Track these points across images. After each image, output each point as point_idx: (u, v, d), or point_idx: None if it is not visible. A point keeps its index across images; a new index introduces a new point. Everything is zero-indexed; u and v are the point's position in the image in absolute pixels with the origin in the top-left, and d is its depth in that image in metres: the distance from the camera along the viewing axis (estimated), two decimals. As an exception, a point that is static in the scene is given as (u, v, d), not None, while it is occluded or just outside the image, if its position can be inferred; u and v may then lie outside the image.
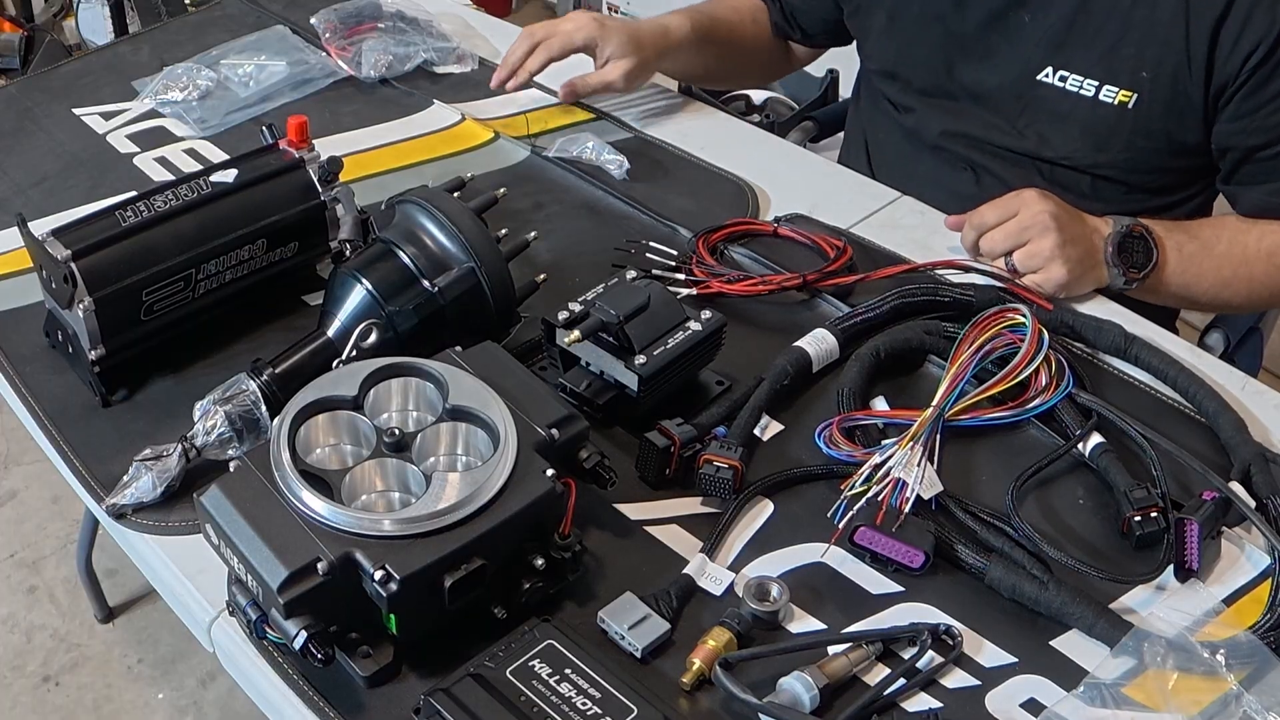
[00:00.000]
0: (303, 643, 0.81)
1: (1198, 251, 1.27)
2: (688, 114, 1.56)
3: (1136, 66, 1.28)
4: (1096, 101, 1.31)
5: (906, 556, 0.95)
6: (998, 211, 1.22)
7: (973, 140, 1.42)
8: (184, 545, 0.98)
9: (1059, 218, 1.20)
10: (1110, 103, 1.30)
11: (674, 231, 1.33)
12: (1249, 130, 1.27)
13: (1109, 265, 1.22)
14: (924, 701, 0.88)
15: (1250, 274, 1.29)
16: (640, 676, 0.86)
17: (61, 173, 1.43)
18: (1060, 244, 1.19)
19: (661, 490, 1.03)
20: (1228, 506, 0.98)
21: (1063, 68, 1.32)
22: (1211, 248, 1.28)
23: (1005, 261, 1.22)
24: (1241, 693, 0.84)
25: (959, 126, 1.42)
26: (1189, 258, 1.26)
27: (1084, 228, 1.23)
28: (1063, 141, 1.35)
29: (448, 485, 0.86)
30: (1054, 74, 1.33)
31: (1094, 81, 1.31)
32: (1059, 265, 1.19)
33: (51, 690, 1.97)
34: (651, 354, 1.04)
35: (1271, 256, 1.29)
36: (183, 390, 1.11)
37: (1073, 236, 1.20)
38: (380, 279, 1.06)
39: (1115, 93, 1.30)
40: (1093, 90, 1.31)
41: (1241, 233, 1.30)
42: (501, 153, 1.47)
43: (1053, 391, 1.07)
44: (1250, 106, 1.26)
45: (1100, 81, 1.30)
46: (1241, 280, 1.29)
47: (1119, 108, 1.30)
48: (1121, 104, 1.30)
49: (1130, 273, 1.23)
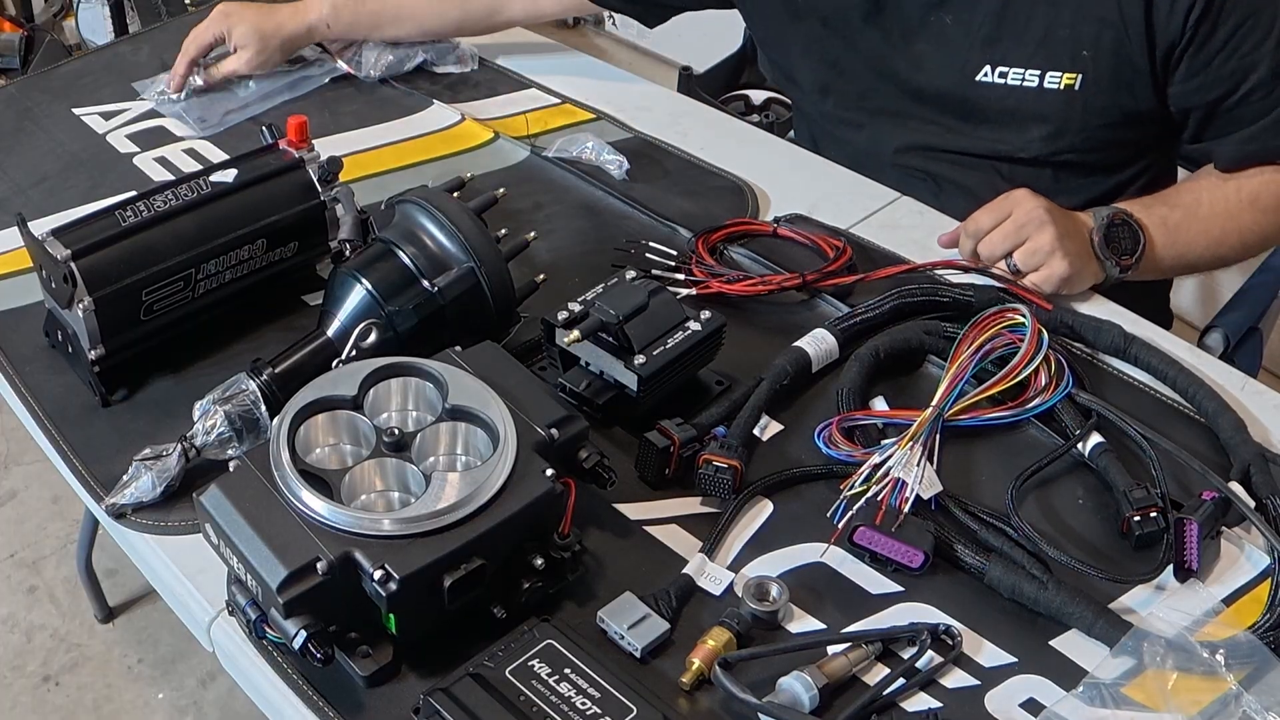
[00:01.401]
0: (302, 642, 0.81)
1: (1183, 220, 1.27)
2: (688, 114, 1.56)
3: (1075, 47, 1.27)
4: (1042, 90, 1.30)
5: (906, 556, 0.95)
6: (991, 215, 1.22)
7: (929, 151, 1.41)
8: (184, 545, 0.99)
9: (1053, 211, 1.20)
10: (1056, 88, 1.30)
11: (674, 231, 1.33)
12: (1207, 85, 1.26)
13: (1100, 258, 1.22)
14: (924, 701, 0.88)
15: (1239, 225, 1.29)
16: (640, 676, 0.86)
17: (61, 173, 1.43)
18: (1058, 236, 1.18)
19: (661, 490, 1.03)
20: (1227, 506, 0.98)
21: (1000, 64, 1.31)
22: (1195, 211, 1.28)
23: (1007, 263, 1.21)
24: (1241, 693, 0.84)
25: (913, 139, 1.41)
26: (1175, 228, 1.26)
27: (1075, 222, 1.23)
28: (1017, 136, 1.35)
29: (447, 485, 0.86)
30: (993, 71, 1.32)
31: (1035, 71, 1.30)
32: (1060, 259, 1.19)
33: (51, 690, 1.97)
34: (651, 354, 1.04)
35: (1255, 202, 1.29)
36: (183, 390, 1.11)
37: (1067, 230, 1.20)
38: (380, 279, 1.06)
39: (1059, 77, 1.29)
40: (1036, 80, 1.30)
41: (1219, 188, 1.29)
42: (501, 153, 1.47)
43: (1052, 391, 1.07)
44: (1202, 61, 1.25)
45: (1041, 69, 1.29)
46: (1232, 234, 1.29)
47: (1065, 92, 1.30)
48: (1068, 87, 1.29)
49: (1123, 260, 1.23)
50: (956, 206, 1.34)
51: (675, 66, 2.13)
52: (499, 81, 1.62)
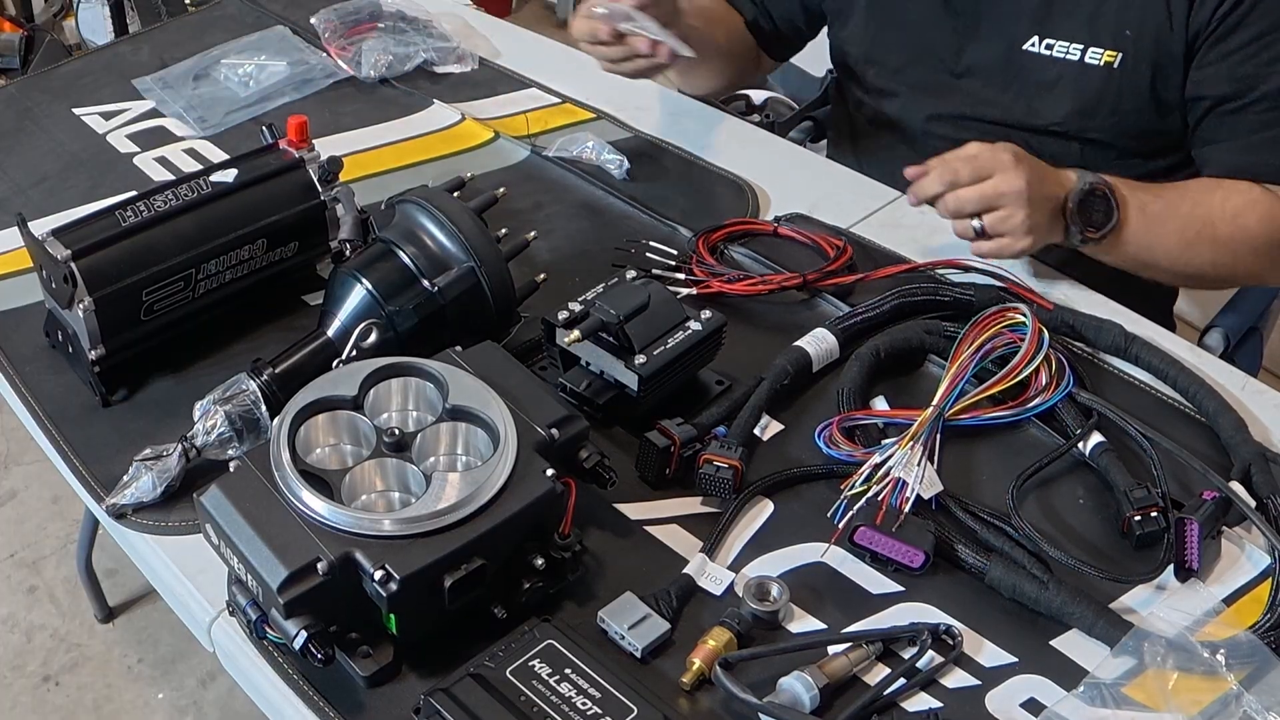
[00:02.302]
0: (303, 643, 0.81)
1: (1161, 211, 1.24)
2: (688, 114, 1.56)
3: (1119, 25, 1.29)
4: (1083, 65, 1.31)
5: (906, 556, 0.95)
6: (971, 169, 1.18)
7: (961, 120, 1.41)
8: (184, 545, 0.98)
9: (1032, 185, 1.16)
10: (1096, 64, 1.31)
11: (674, 231, 1.33)
12: (1216, 78, 1.27)
13: (1068, 221, 1.20)
14: (924, 701, 0.88)
15: (1214, 235, 1.26)
16: (640, 676, 0.86)
17: (61, 173, 1.43)
18: (1029, 214, 1.16)
19: (661, 490, 1.02)
20: (1228, 506, 0.98)
21: (1049, 35, 1.33)
22: (1177, 208, 1.25)
23: (974, 223, 1.18)
24: (1241, 693, 0.84)
25: (946, 108, 1.42)
26: (1152, 218, 1.24)
27: (1052, 188, 1.19)
28: (1051, 108, 1.35)
29: (448, 485, 0.86)
30: (1040, 43, 1.33)
31: (1079, 45, 1.31)
32: (1024, 237, 1.17)
33: (51, 690, 1.97)
34: (651, 354, 1.04)
35: (1237, 218, 1.26)
36: (183, 390, 1.11)
37: (1041, 202, 1.18)
38: (380, 279, 1.06)
39: (1100, 54, 1.30)
40: (1079, 54, 1.31)
41: (1206, 193, 1.27)
42: (501, 153, 1.47)
43: (1053, 391, 1.07)
44: (1219, 54, 1.26)
45: (1085, 44, 1.31)
46: (1205, 242, 1.26)
47: (1105, 68, 1.30)
48: (1107, 64, 1.30)
49: (1089, 231, 1.21)
50: None
51: (675, 66, 2.13)
52: (499, 81, 1.62)
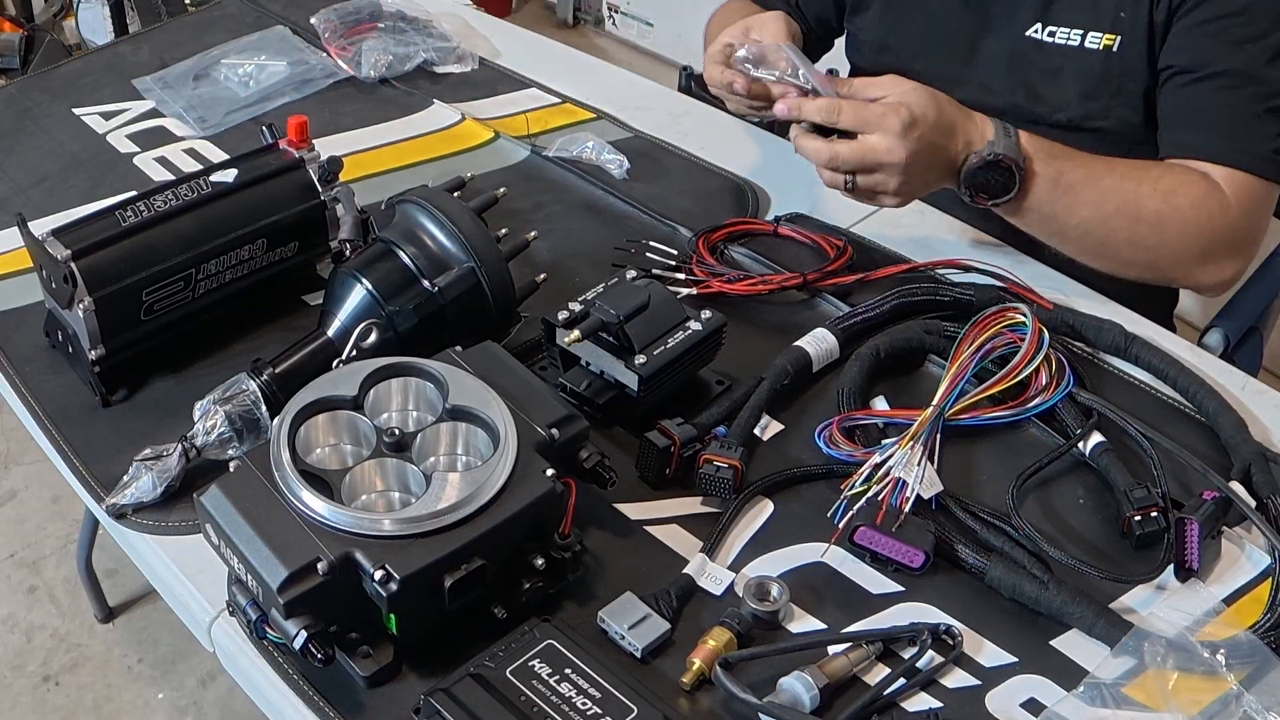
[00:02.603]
0: (303, 643, 0.81)
1: (1078, 181, 1.18)
2: (688, 114, 1.56)
3: (1116, 8, 1.29)
4: (1083, 50, 1.31)
5: (906, 556, 0.95)
6: (857, 117, 1.12)
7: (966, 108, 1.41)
8: (184, 545, 0.99)
9: (915, 156, 1.12)
10: (1096, 49, 1.31)
11: (674, 231, 1.33)
12: (1179, 49, 1.25)
13: (960, 183, 1.17)
14: (924, 701, 0.88)
15: (1137, 211, 1.18)
16: (640, 676, 0.86)
17: (61, 173, 1.43)
18: (903, 184, 1.14)
19: (661, 490, 1.02)
20: (1228, 506, 0.98)
21: (1051, 22, 1.33)
22: (1099, 179, 1.19)
23: (846, 179, 1.15)
24: (1241, 693, 0.84)
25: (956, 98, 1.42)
26: (1067, 189, 1.18)
27: (947, 153, 1.15)
28: (1057, 96, 1.35)
29: (448, 485, 0.86)
30: (1043, 30, 1.33)
31: (1079, 30, 1.31)
32: (891, 200, 1.16)
33: (51, 690, 1.97)
34: (651, 354, 1.04)
35: (1169, 195, 1.19)
36: (183, 390, 1.11)
37: (923, 171, 1.14)
38: (380, 279, 1.06)
39: (1100, 38, 1.30)
40: (1079, 39, 1.31)
41: (1141, 169, 1.22)
42: (501, 153, 1.47)
43: (1053, 391, 1.07)
44: (1186, 25, 1.24)
45: (1085, 29, 1.31)
46: (1124, 217, 1.19)
47: (1104, 52, 1.30)
48: (1106, 48, 1.30)
49: (979, 198, 1.17)
50: None
51: (675, 66, 2.13)
52: (499, 81, 1.62)
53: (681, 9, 2.64)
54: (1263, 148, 1.22)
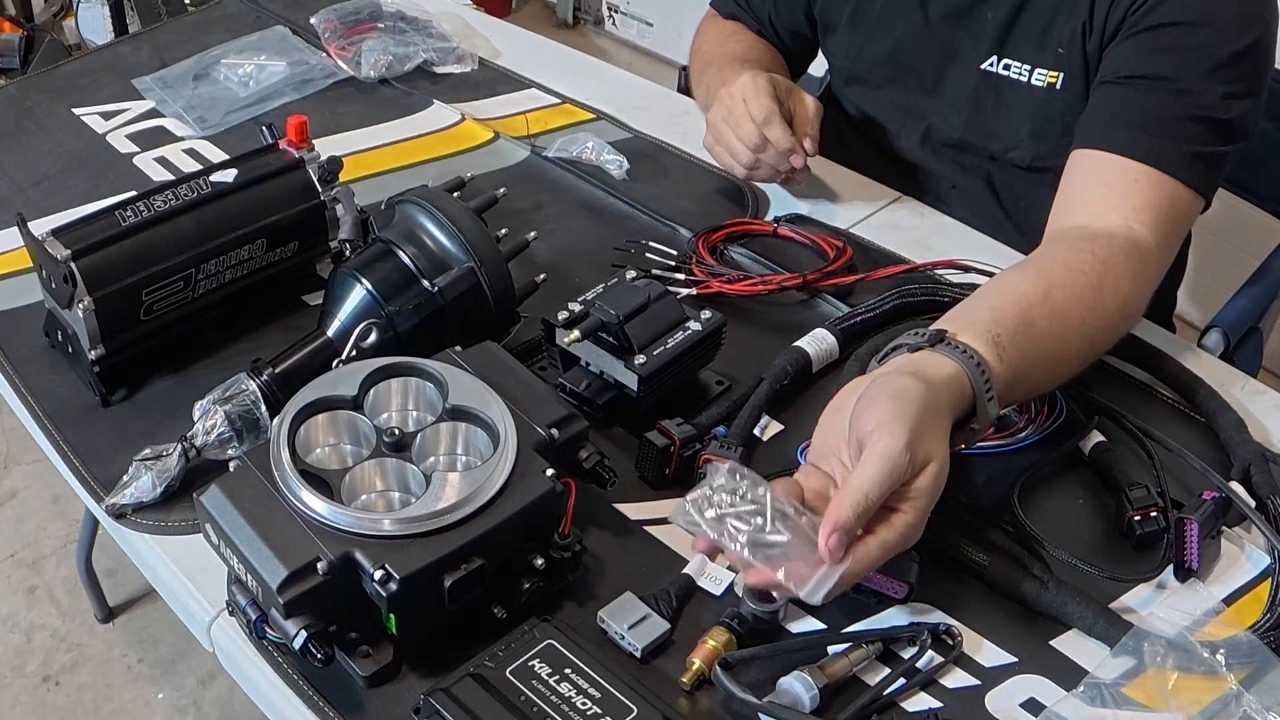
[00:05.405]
0: (303, 643, 0.81)
1: (1037, 359, 0.99)
2: (688, 114, 1.56)
3: (1056, 44, 1.27)
4: (1031, 86, 1.30)
5: (889, 588, 0.92)
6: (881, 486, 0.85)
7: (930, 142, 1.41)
8: (184, 545, 0.98)
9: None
10: (1041, 85, 1.30)
11: (674, 231, 1.33)
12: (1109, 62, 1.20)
13: None
14: (924, 701, 0.88)
15: (1091, 333, 1.04)
16: (640, 676, 0.86)
17: (61, 173, 1.43)
18: None
19: (661, 490, 1.02)
20: (1228, 506, 0.98)
21: (1006, 56, 1.31)
22: (1047, 341, 1.00)
23: None
24: (1241, 692, 0.84)
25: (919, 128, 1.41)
26: (1025, 372, 0.98)
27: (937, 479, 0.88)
28: (1006, 132, 1.35)
29: (448, 485, 0.86)
30: (998, 63, 1.32)
31: (1028, 66, 1.30)
32: None
33: (51, 690, 1.97)
34: (651, 354, 1.04)
35: (1124, 308, 1.07)
36: (183, 390, 1.11)
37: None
38: (380, 279, 1.06)
39: (1045, 75, 1.29)
40: (1027, 75, 1.30)
41: (1073, 286, 1.03)
42: (501, 153, 1.47)
43: (1043, 421, 1.06)
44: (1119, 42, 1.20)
45: (1033, 65, 1.30)
46: (1082, 340, 1.04)
47: (1048, 89, 1.29)
48: (1050, 85, 1.29)
49: None
50: (953, 208, 1.33)
51: (675, 66, 2.13)
52: (499, 81, 1.62)
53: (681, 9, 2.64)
54: (1178, 148, 1.13)
